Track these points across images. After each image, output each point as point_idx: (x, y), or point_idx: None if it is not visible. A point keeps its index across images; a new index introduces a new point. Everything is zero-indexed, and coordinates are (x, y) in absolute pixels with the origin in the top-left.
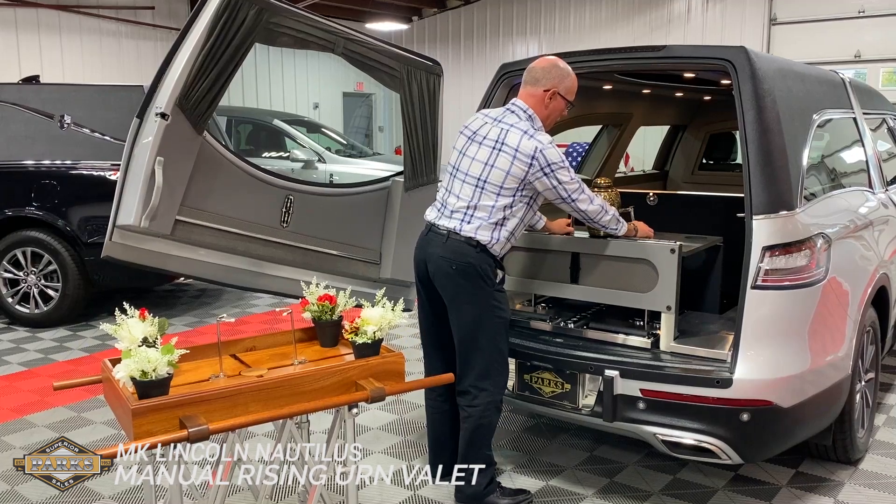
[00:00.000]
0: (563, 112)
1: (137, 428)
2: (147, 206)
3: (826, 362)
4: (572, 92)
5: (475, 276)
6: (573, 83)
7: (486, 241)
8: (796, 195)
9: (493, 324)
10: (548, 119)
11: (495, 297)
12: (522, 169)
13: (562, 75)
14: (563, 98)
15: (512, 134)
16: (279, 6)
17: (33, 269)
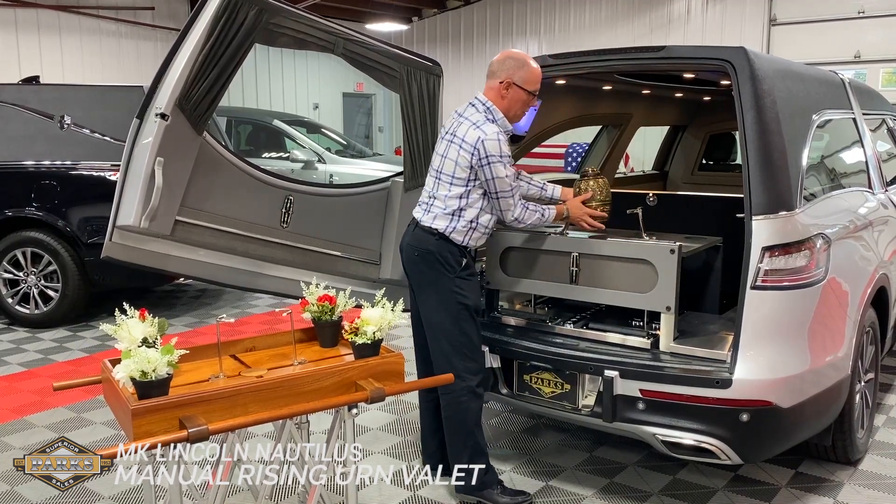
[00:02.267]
0: (526, 102)
1: (137, 428)
2: (147, 207)
3: (826, 363)
4: (530, 82)
5: (435, 263)
6: (530, 73)
7: (443, 229)
8: (796, 195)
9: (455, 309)
10: (510, 111)
11: (457, 283)
12: (467, 158)
13: (516, 66)
14: (520, 88)
15: (463, 125)
16: (279, 7)
17: (33, 270)
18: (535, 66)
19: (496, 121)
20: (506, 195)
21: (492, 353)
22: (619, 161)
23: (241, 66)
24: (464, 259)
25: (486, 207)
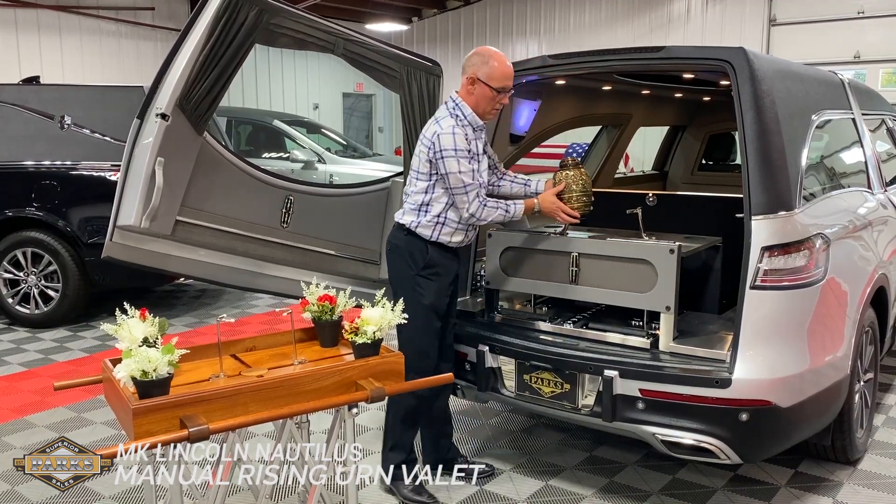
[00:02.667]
0: (494, 99)
1: (138, 427)
2: (147, 207)
3: (825, 362)
4: (495, 78)
5: (400, 258)
6: (494, 70)
7: (409, 224)
8: (795, 195)
9: (413, 307)
10: (478, 107)
11: (417, 281)
12: (425, 153)
13: (481, 61)
14: (485, 84)
15: (429, 121)
16: (279, 7)
17: (33, 270)
18: (501, 62)
19: (465, 116)
20: (459, 191)
21: (492, 353)
22: (618, 161)
23: (241, 66)
24: (430, 256)
25: (449, 201)
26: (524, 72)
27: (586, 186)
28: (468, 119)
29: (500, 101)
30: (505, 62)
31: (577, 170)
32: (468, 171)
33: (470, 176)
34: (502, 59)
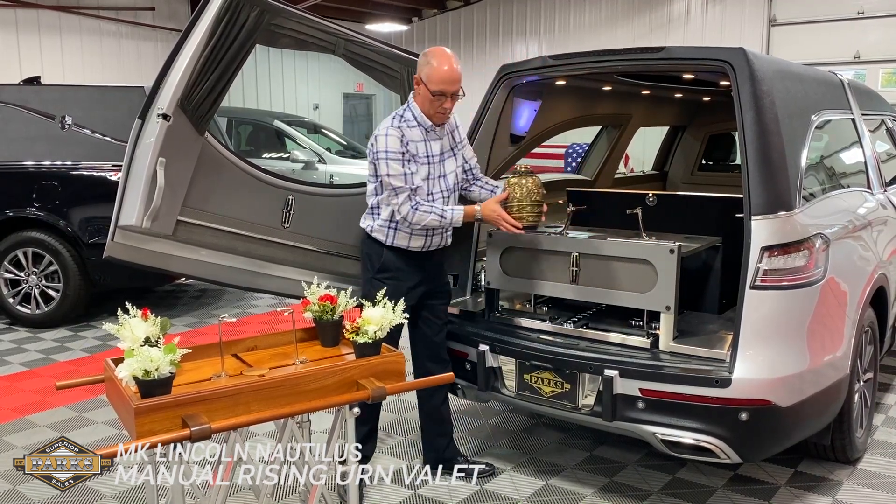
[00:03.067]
0: (434, 102)
1: (140, 427)
2: (149, 207)
3: (825, 362)
4: (433, 80)
5: (362, 260)
6: (432, 72)
7: (367, 228)
8: (795, 196)
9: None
10: (423, 107)
11: (372, 283)
12: (368, 155)
13: (424, 62)
14: (424, 86)
15: None
16: (280, 8)
17: (34, 270)
18: (440, 65)
19: (414, 117)
20: (389, 193)
21: (492, 353)
22: (618, 161)
23: (242, 66)
24: (384, 260)
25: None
26: (524, 72)
27: (533, 195)
28: (417, 119)
29: (442, 105)
30: (445, 65)
31: (526, 178)
32: (398, 174)
33: (400, 179)
34: (443, 62)
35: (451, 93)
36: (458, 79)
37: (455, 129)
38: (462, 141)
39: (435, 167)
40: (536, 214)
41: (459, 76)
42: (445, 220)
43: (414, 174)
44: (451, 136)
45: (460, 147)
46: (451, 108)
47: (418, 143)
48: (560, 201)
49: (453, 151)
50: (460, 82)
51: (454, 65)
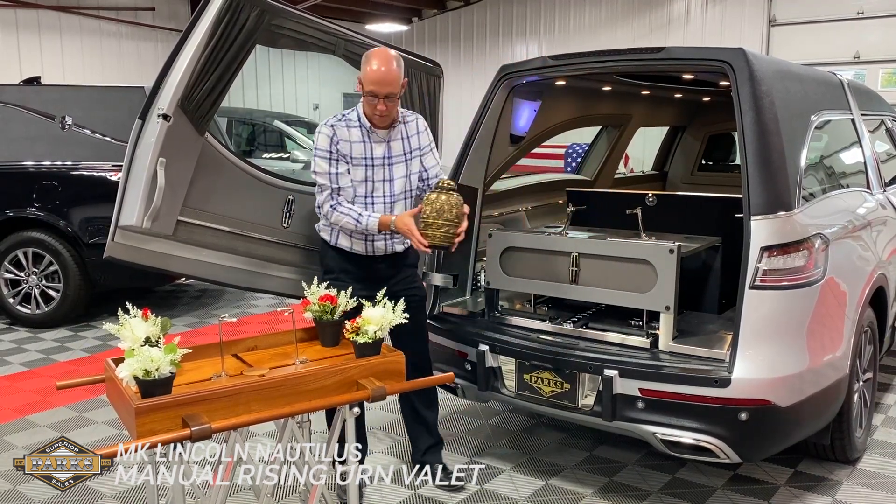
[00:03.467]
0: (372, 102)
1: (140, 427)
2: (149, 207)
3: (824, 362)
4: (366, 81)
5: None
6: (366, 72)
7: (317, 227)
8: (794, 196)
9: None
10: (365, 108)
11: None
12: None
13: (363, 62)
14: (361, 85)
15: None
16: (281, 8)
17: (34, 270)
18: (371, 65)
19: (358, 118)
20: (317, 190)
21: (492, 353)
22: (618, 161)
23: (242, 67)
24: (327, 261)
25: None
26: (524, 72)
27: (444, 214)
28: (360, 120)
29: (376, 108)
30: (376, 66)
31: (443, 195)
32: (322, 171)
33: (324, 177)
34: (374, 62)
35: (382, 94)
36: (389, 81)
37: (417, 134)
38: (423, 147)
39: (376, 170)
40: (446, 235)
41: (393, 79)
42: (360, 225)
43: (340, 174)
44: (406, 142)
45: (417, 154)
46: (387, 111)
47: (355, 143)
48: (560, 201)
49: (406, 157)
50: (394, 86)
51: (387, 66)
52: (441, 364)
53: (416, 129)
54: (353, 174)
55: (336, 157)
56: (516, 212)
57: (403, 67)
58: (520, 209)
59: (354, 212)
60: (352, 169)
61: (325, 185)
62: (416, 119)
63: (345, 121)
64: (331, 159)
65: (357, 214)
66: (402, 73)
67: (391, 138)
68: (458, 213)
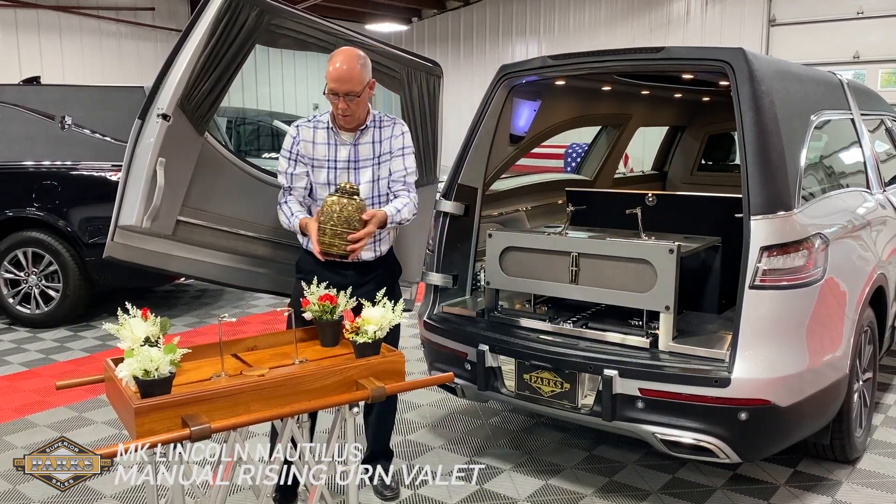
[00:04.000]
0: (333, 101)
1: (140, 426)
2: (149, 207)
3: (824, 362)
4: (327, 79)
5: None
6: (328, 70)
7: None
8: (794, 195)
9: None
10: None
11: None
12: None
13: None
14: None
15: None
16: (280, 8)
17: (34, 270)
18: (332, 63)
19: (329, 119)
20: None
21: (492, 353)
22: (618, 161)
23: (242, 67)
24: (298, 261)
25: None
26: (524, 72)
27: (332, 221)
28: (329, 122)
29: (338, 106)
30: (333, 64)
31: (337, 200)
32: (282, 170)
33: (283, 176)
34: (336, 60)
35: (341, 92)
36: (346, 78)
37: (390, 138)
38: (394, 151)
39: (339, 173)
40: (333, 245)
41: (352, 77)
42: (286, 224)
43: (295, 175)
44: (376, 145)
45: (388, 158)
46: (349, 111)
47: (319, 144)
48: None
49: (374, 161)
50: (353, 84)
51: (348, 65)
52: (441, 364)
53: (390, 134)
54: (315, 176)
55: (295, 157)
56: (516, 212)
57: (370, 68)
58: (519, 209)
59: (288, 210)
60: (315, 171)
61: (283, 184)
62: (394, 123)
63: (314, 122)
64: (290, 159)
65: (290, 212)
66: (366, 73)
67: (359, 141)
68: (353, 218)
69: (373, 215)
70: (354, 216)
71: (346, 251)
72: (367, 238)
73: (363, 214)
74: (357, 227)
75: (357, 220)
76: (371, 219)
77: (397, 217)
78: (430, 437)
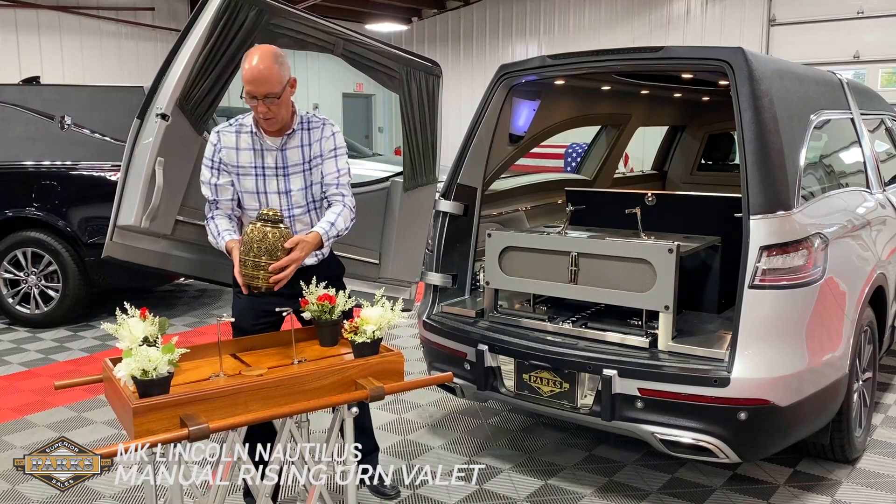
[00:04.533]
0: (252, 104)
1: (138, 426)
2: (148, 207)
3: (823, 361)
4: (243, 80)
5: None
6: (243, 71)
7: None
8: (793, 195)
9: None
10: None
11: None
12: None
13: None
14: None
15: None
16: (279, 7)
17: (34, 270)
18: (247, 62)
19: (252, 123)
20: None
21: (491, 352)
22: (618, 161)
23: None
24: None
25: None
26: (523, 72)
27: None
28: (253, 127)
29: (258, 109)
30: (249, 63)
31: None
32: (205, 180)
33: (206, 187)
34: (249, 60)
35: (259, 95)
36: (263, 79)
37: (320, 140)
38: (325, 154)
39: (268, 181)
40: (257, 277)
41: (269, 77)
42: (214, 244)
43: (220, 186)
44: (305, 149)
45: (319, 162)
46: (271, 114)
47: (243, 150)
48: (559, 201)
49: (305, 167)
50: (272, 85)
51: (264, 64)
52: (440, 364)
53: (319, 136)
54: (242, 184)
55: (217, 166)
56: (515, 211)
57: (288, 66)
58: (519, 209)
59: (216, 228)
60: (241, 179)
61: (207, 196)
62: (324, 124)
63: (236, 126)
64: (212, 168)
65: (217, 230)
66: (284, 71)
67: (286, 146)
68: (275, 248)
69: (297, 242)
70: (278, 246)
71: (270, 283)
72: (292, 266)
73: (286, 242)
74: (281, 257)
75: (280, 251)
76: (296, 246)
77: (332, 231)
78: (430, 437)
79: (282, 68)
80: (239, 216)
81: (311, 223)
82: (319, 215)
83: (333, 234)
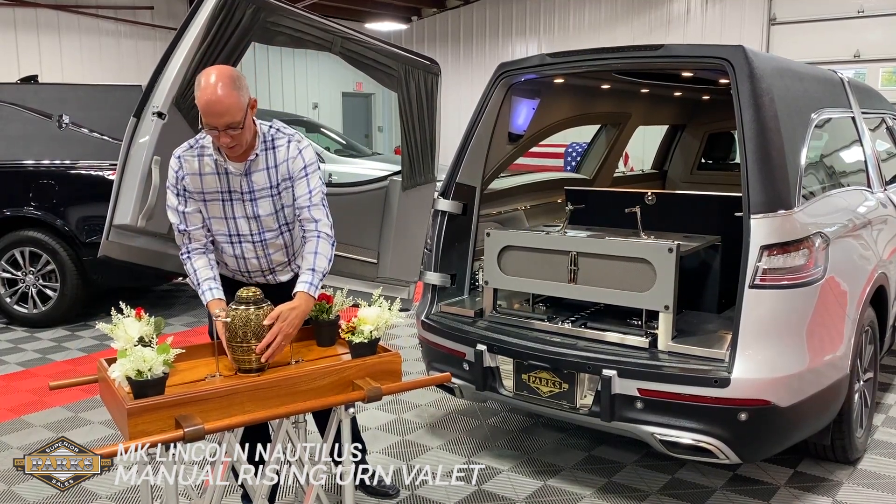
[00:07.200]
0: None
1: (133, 428)
2: (144, 206)
3: (824, 362)
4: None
5: None
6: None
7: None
8: (794, 194)
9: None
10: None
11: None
12: None
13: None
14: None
15: None
16: (276, 5)
17: (31, 269)
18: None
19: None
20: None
21: (490, 353)
22: (617, 160)
23: (238, 64)
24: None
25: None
26: (522, 70)
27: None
28: (212, 149)
29: (220, 139)
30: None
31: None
32: (171, 206)
33: (173, 213)
34: (205, 91)
35: (220, 127)
36: (222, 110)
37: (286, 161)
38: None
39: (235, 206)
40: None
41: (228, 106)
42: (196, 287)
43: (188, 213)
44: (272, 172)
45: (288, 184)
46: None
47: (207, 175)
48: (559, 200)
49: (272, 191)
50: (233, 114)
51: (223, 90)
52: (439, 364)
53: (286, 155)
54: (209, 210)
55: (183, 193)
56: (515, 210)
57: (246, 87)
58: (518, 208)
59: (196, 277)
60: (208, 205)
61: (175, 224)
62: (289, 142)
63: (197, 148)
64: (178, 195)
65: (197, 280)
66: (244, 95)
67: (251, 170)
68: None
69: (277, 315)
70: (243, 331)
71: (263, 363)
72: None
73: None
74: (255, 338)
75: (254, 332)
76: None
77: (317, 279)
78: (429, 438)
79: (241, 93)
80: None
81: (285, 245)
82: (293, 237)
83: (318, 281)
